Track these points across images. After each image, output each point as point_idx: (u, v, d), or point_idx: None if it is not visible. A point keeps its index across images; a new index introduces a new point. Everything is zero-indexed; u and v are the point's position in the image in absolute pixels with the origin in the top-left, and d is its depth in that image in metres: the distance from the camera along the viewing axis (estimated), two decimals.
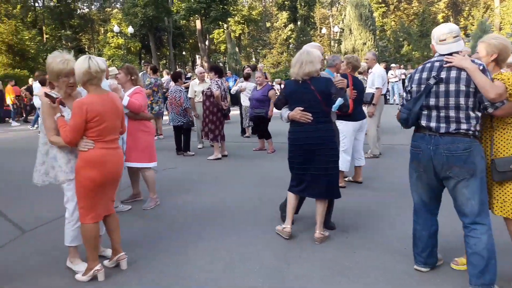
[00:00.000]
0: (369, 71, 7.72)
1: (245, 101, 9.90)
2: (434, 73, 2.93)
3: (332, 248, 3.78)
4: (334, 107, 3.83)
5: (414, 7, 46.50)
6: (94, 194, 3.13)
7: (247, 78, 10.34)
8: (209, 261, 3.60)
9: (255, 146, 8.77)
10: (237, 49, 26.34)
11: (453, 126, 2.88)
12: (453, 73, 2.85)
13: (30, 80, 17.30)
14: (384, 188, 5.60)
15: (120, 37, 35.19)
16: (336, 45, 35.46)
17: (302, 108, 3.75)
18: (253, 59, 43.46)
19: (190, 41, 50.94)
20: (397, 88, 18.24)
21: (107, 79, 4.83)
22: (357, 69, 5.85)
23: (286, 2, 38.00)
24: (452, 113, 2.86)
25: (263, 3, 47.74)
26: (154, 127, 6.88)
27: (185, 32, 46.74)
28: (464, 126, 2.85)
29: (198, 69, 9.36)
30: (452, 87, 2.85)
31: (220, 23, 33.43)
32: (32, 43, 29.63)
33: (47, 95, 3.16)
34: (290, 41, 38.44)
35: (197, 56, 63.95)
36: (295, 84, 3.85)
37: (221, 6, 30.51)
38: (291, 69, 3.86)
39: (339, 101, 3.79)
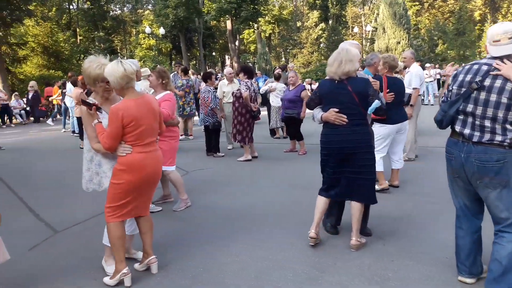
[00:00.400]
0: (406, 70, 7.43)
1: (274, 101, 9.78)
2: (478, 78, 2.73)
3: (369, 255, 3.60)
4: (370, 110, 3.65)
5: (450, 4, 45.13)
6: (127, 196, 3.11)
7: (278, 78, 10.23)
8: (241, 267, 3.49)
9: (285, 148, 8.64)
10: (267, 49, 26.22)
11: (487, 136, 2.71)
12: (498, 83, 2.65)
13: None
14: (422, 192, 5.35)
15: (151, 38, 35.75)
16: (368, 44, 34.83)
17: (337, 110, 3.58)
18: (283, 59, 43.23)
19: (220, 41, 51.26)
20: (432, 88, 17.71)
21: (139, 80, 4.84)
22: (394, 68, 5.60)
23: (317, 1, 37.59)
24: (487, 123, 2.70)
25: (294, 3, 47.49)
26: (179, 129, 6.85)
27: (215, 33, 47.08)
28: (499, 138, 2.68)
29: (227, 69, 9.32)
30: (493, 97, 2.65)
31: (251, 23, 33.43)
32: (66, 45, 30.51)
33: (84, 102, 3.15)
34: (321, 40, 38.03)
35: (226, 57, 64.38)
36: (331, 83, 3.69)
37: (251, 6, 30.53)
38: (328, 68, 3.67)
39: (376, 103, 3.60)
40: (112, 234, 3.14)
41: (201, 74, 12.96)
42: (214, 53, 52.68)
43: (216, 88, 8.91)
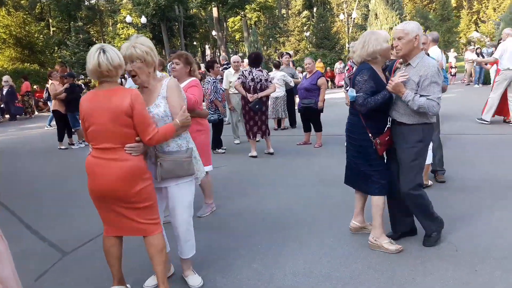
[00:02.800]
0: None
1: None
2: None
3: (447, 266, 3.04)
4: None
5: None
6: (96, 204, 2.72)
7: (277, 67, 9.57)
8: (291, 284, 2.93)
9: (294, 140, 8.06)
10: (258, 37, 25.39)
11: None
12: None
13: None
14: (468, 186, 4.81)
15: (130, 28, 34.40)
16: (357, 31, 34.28)
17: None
18: (270, 48, 42.28)
19: (200, 30, 50.07)
20: None
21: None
22: None
23: None
24: None
25: None
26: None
27: (195, 22, 45.87)
28: None
29: (234, 57, 8.58)
30: None
31: (238, 10, 32.38)
32: (41, 36, 29.00)
33: None
34: (304, 28, 37.34)
35: (206, 46, 62.97)
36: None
37: None
38: (353, 54, 3.43)
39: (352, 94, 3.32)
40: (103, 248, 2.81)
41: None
42: (195, 43, 51.44)
43: (220, 78, 8.18)
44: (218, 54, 55.37)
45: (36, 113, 18.98)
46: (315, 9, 34.61)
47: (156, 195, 2.73)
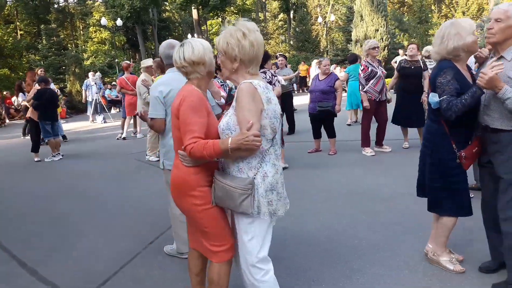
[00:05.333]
0: None
1: None
2: None
3: None
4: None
5: None
6: None
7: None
8: None
9: (302, 147, 7.51)
10: None
11: None
12: None
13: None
14: None
15: (104, 31, 33.17)
16: (340, 34, 34.06)
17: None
18: None
19: (174, 34, 49.24)
20: None
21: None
22: None
23: None
24: None
25: None
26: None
27: (169, 25, 44.97)
28: None
29: None
30: None
31: (219, 12, 31.63)
32: (9, 39, 27.48)
33: None
34: (281, 31, 37.06)
35: None
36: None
37: None
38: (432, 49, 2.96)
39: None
40: None
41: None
42: None
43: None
44: None
45: (8, 121, 17.71)
46: (292, 13, 34.48)
47: (219, 222, 2.25)
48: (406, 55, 7.29)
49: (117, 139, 10.48)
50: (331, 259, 3.29)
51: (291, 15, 36.38)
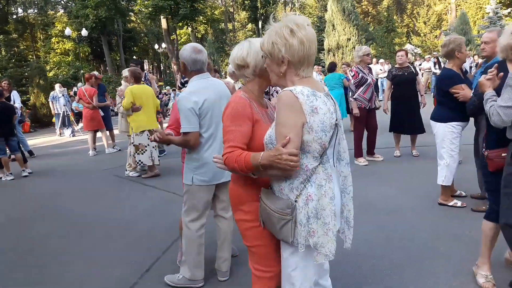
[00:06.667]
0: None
1: None
2: None
3: None
4: None
5: (363, 5, 47.38)
6: None
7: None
8: None
9: None
10: (213, 49, 24.49)
11: None
12: None
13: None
14: None
15: (67, 42, 32.03)
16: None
17: None
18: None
19: (139, 44, 48.58)
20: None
21: None
22: None
23: (246, 1, 36.53)
24: None
25: (223, 2, 45.86)
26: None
27: (135, 36, 44.27)
28: None
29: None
30: None
31: (189, 22, 31.03)
32: None
33: None
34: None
35: (145, 61, 61.07)
36: None
37: (189, 3, 28.26)
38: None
39: None
40: None
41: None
42: (134, 57, 49.50)
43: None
44: (163, 68, 53.74)
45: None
46: (260, 22, 34.56)
47: (267, 243, 1.98)
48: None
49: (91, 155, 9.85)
50: (376, 280, 2.99)
51: (260, 25, 36.46)
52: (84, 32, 24.67)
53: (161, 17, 30.65)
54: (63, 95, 14.27)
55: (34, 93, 19.31)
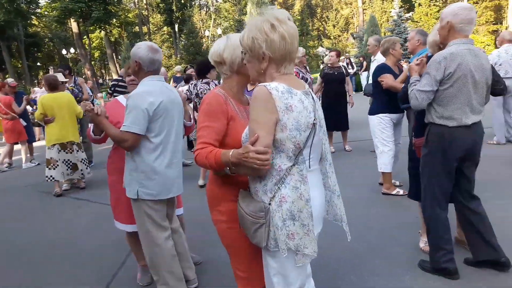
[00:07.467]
0: (372, 59, 6.78)
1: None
2: None
3: None
4: None
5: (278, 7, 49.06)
6: None
7: (187, 80, 8.61)
8: None
9: None
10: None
11: None
12: None
13: None
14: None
15: None
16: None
17: None
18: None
19: (44, 49, 45.25)
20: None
21: None
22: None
23: (161, 5, 35.74)
24: None
25: (137, 5, 44.21)
26: None
27: (39, 41, 41.07)
28: None
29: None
30: None
31: (102, 25, 29.22)
32: None
33: None
34: (165, 44, 36.38)
35: (50, 67, 56.86)
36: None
37: (102, 6, 26.69)
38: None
39: None
40: None
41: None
42: (39, 63, 45.84)
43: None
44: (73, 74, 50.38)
45: None
46: (176, 26, 34.08)
47: (246, 245, 1.91)
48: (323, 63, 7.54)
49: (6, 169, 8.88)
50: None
51: (176, 28, 35.92)
52: None
53: (72, 20, 28.66)
54: None
55: None
